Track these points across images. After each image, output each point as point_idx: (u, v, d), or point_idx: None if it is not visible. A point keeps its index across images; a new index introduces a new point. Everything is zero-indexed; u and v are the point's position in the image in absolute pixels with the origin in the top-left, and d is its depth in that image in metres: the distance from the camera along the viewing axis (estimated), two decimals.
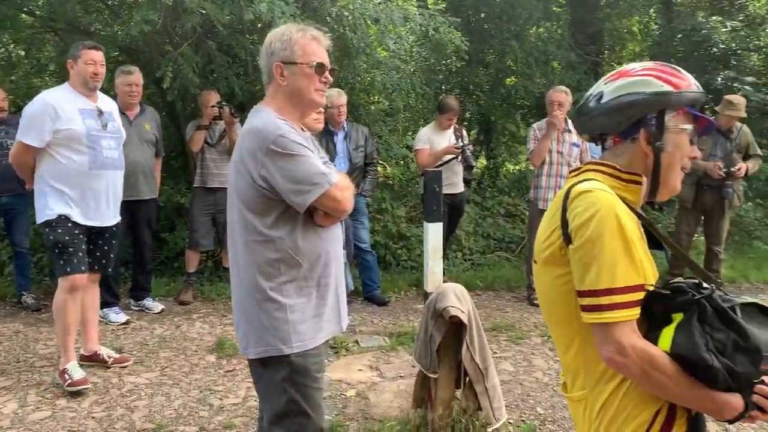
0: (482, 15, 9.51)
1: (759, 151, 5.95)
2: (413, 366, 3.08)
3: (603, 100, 1.49)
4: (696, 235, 6.45)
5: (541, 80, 8.98)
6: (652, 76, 1.45)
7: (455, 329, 2.92)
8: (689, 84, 1.45)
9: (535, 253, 1.54)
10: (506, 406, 3.43)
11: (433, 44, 7.35)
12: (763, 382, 1.33)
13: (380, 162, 8.18)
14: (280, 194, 1.95)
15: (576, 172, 1.55)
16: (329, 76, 2.12)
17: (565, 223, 1.41)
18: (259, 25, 5.86)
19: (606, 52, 11.95)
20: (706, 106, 9.39)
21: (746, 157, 5.81)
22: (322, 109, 2.76)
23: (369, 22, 5.99)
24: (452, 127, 5.87)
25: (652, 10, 11.68)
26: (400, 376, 3.88)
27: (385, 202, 7.16)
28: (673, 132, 1.45)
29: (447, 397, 2.96)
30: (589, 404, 1.45)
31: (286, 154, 1.94)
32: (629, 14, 11.17)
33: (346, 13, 5.83)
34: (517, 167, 10.61)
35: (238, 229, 2.04)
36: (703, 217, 6.01)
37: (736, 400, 1.32)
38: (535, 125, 5.79)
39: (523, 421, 3.30)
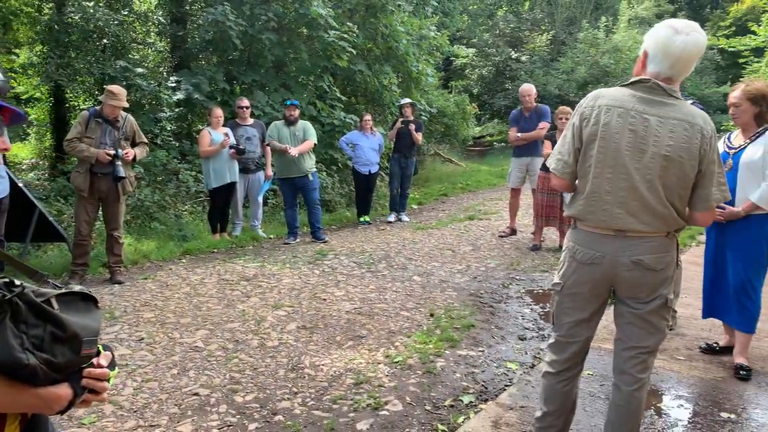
0: None
1: (145, 139, 6.38)
2: None
3: None
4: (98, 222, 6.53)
5: None
6: None
7: None
8: None
9: None
10: None
11: None
12: (92, 365, 1.37)
13: None
14: None
15: None
16: None
17: None
18: None
19: None
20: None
21: (134, 144, 6.16)
22: None
23: None
24: None
25: None
26: None
27: None
28: None
29: None
30: None
31: None
32: None
33: None
34: None
35: None
36: (101, 204, 6.11)
37: (63, 391, 1.30)
38: None
39: None
